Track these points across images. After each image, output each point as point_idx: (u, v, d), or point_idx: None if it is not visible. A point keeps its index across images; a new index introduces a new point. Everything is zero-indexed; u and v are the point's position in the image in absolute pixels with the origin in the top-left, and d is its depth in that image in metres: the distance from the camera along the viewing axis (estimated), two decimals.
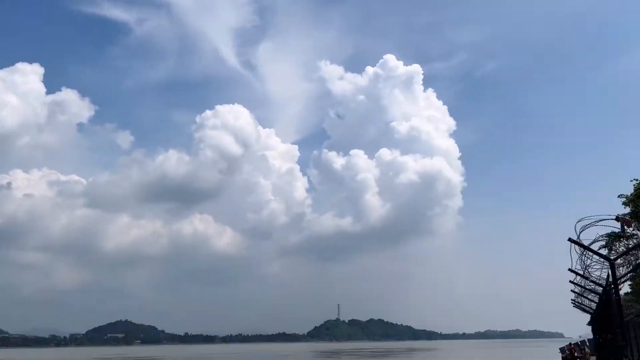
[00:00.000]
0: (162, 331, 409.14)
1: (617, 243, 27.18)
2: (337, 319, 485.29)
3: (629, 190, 35.78)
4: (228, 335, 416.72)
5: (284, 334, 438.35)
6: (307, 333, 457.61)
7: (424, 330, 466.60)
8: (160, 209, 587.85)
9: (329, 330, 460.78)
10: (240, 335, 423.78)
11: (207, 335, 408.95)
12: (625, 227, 10.95)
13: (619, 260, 27.16)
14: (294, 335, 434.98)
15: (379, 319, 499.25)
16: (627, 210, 33.95)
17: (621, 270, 22.14)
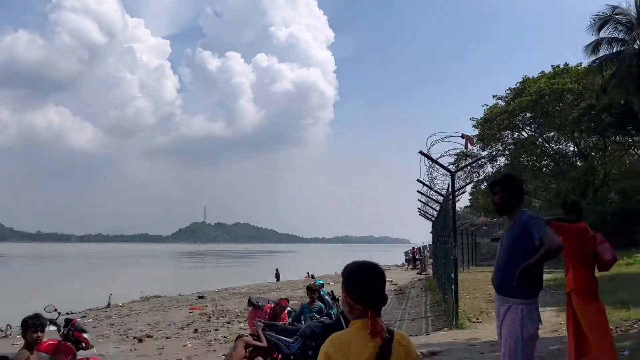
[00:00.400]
0: (10, 229, 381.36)
1: (463, 160, 30.01)
2: (203, 222, 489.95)
3: (481, 114, 38.58)
4: (86, 235, 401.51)
5: (146, 235, 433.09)
6: (172, 235, 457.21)
7: (287, 234, 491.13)
8: (6, 96, 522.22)
9: (194, 233, 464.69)
10: (100, 235, 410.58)
11: (62, 234, 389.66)
12: (469, 145, 11.93)
13: (462, 175, 30.13)
14: (158, 237, 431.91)
15: (245, 223, 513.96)
16: (476, 132, 37.18)
17: (462, 184, 24.66)
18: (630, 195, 27.92)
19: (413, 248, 42.79)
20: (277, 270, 36.27)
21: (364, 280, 2.06)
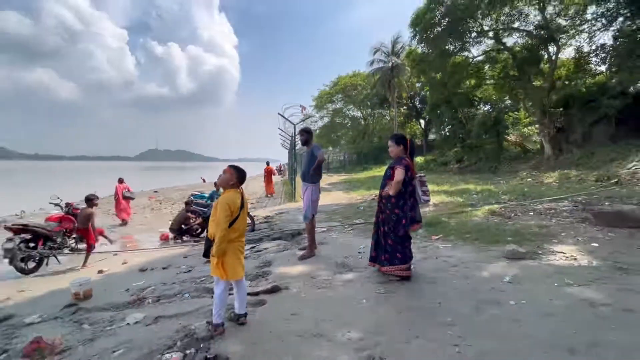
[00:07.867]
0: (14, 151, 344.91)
1: (309, 120, 49.17)
2: (156, 149, 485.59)
3: (317, 93, 61.42)
4: (74, 156, 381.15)
5: (118, 156, 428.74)
6: (135, 156, 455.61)
7: (202, 154, 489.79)
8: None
9: (152, 154, 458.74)
10: (84, 156, 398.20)
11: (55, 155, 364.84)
12: (302, 111, 17.34)
13: (302, 125, 47.24)
14: (126, 157, 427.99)
15: (183, 150, 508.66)
16: (314, 103, 60.79)
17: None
18: (383, 140, 41.64)
19: (279, 164, 54.03)
20: (202, 178, 47.73)
21: (242, 172, 4.69)
